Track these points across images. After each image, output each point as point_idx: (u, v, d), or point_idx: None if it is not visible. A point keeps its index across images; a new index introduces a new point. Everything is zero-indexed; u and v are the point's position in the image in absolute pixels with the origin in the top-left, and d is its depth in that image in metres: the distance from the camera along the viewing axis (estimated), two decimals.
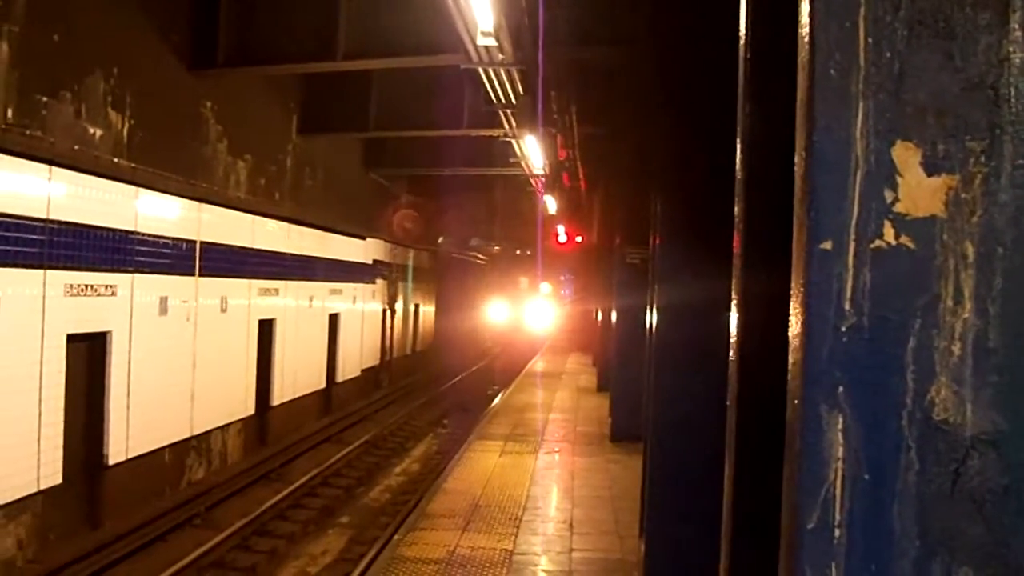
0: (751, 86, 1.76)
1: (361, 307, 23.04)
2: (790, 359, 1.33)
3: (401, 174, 24.78)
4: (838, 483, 1.25)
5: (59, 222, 9.91)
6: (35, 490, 9.61)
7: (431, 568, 7.29)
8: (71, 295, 10.15)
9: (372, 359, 24.40)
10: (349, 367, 21.96)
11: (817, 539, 1.25)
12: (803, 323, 1.27)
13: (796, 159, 1.32)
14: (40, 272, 9.58)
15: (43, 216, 9.64)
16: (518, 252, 33.59)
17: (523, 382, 21.42)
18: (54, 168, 9.82)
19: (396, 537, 8.17)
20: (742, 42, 1.79)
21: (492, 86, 11.22)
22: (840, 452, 1.25)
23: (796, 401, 1.29)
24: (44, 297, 9.65)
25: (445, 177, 24.37)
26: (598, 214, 18.50)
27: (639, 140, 8.47)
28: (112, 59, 10.96)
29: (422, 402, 22.95)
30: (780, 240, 1.70)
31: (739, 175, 1.81)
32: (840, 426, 1.24)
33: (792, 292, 1.32)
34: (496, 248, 34.21)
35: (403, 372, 26.94)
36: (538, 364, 26.58)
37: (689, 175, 6.24)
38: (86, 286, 10.45)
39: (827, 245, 1.24)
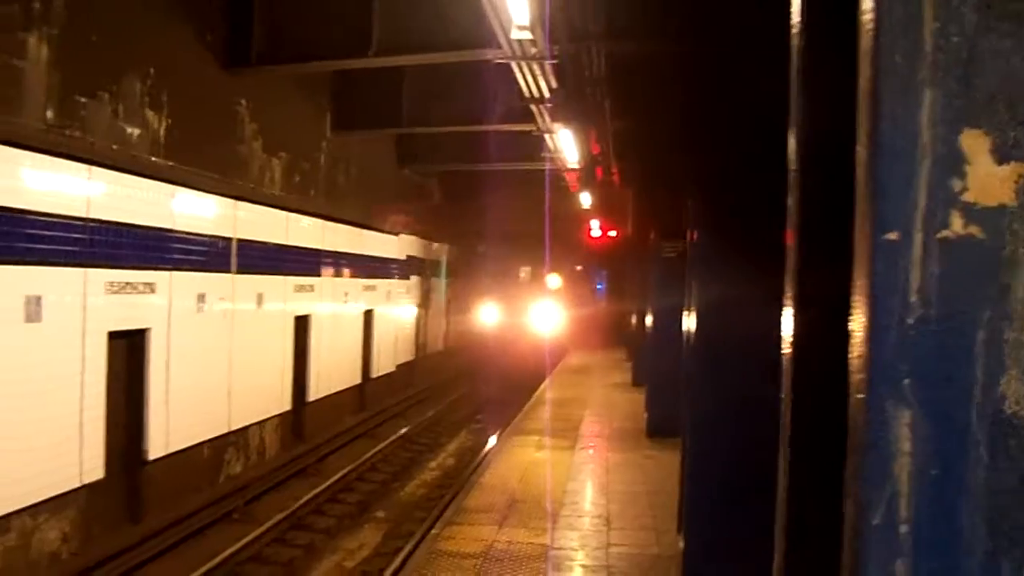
0: (805, 75, 1.72)
1: (395, 303, 23.14)
2: (853, 352, 1.30)
3: (434, 170, 24.84)
4: (904, 478, 1.22)
5: (99, 221, 10.03)
6: (78, 484, 9.75)
7: (469, 562, 7.31)
8: (111, 293, 10.28)
9: (407, 355, 24.50)
10: (383, 363, 22.08)
11: (883, 535, 1.23)
12: (867, 315, 1.25)
13: (859, 149, 1.30)
14: (81, 271, 9.71)
15: (83, 215, 9.77)
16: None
17: (557, 378, 21.39)
18: (93, 168, 9.95)
19: (434, 531, 8.19)
20: (795, 30, 1.75)
21: (525, 80, 11.20)
22: (907, 447, 1.22)
23: (860, 395, 1.26)
24: (85, 295, 9.79)
25: (478, 172, 24.38)
26: (632, 208, 18.41)
27: (674, 133, 8.42)
28: (148, 59, 11.08)
29: (456, 397, 23.01)
30: (838, 232, 1.67)
31: (792, 166, 1.78)
32: (907, 420, 1.22)
33: (855, 284, 1.30)
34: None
35: (437, 367, 27.02)
36: (572, 359, 26.53)
37: (727, 168, 6.20)
38: (126, 284, 10.58)
39: (893, 236, 1.21)
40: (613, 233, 28.11)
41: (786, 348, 1.82)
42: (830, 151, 1.65)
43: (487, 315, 33.63)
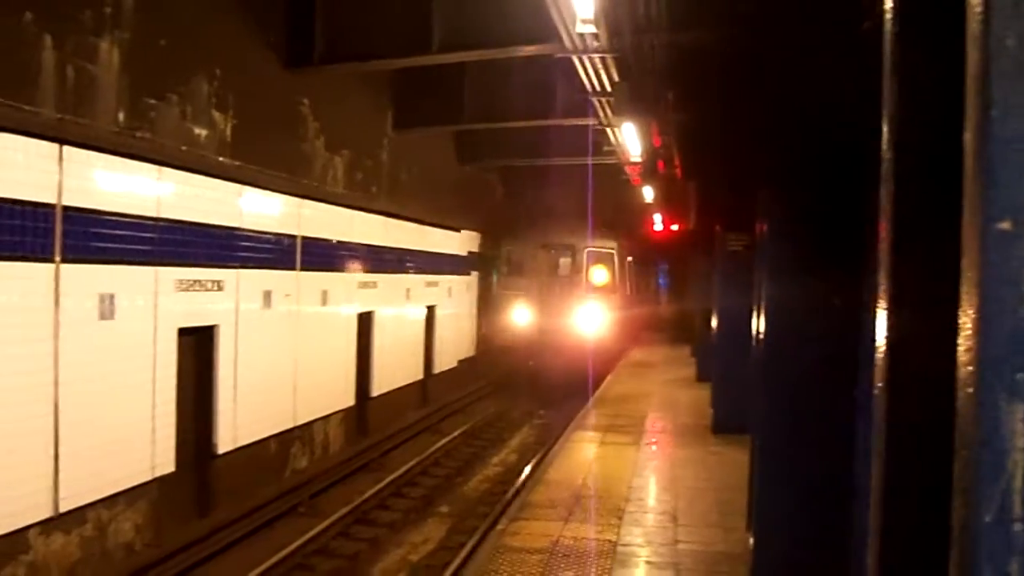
0: (898, 62, 1.67)
1: (456, 299, 23.23)
2: (961, 346, 1.26)
3: (495, 165, 24.86)
4: (1019, 475, 1.18)
5: (168, 220, 10.25)
6: (150, 477, 9.98)
7: (536, 558, 7.30)
8: (181, 290, 10.50)
9: (467, 350, 24.57)
10: (445, 359, 22.19)
11: (996, 533, 1.19)
12: (977, 308, 1.21)
13: (966, 136, 1.25)
14: (152, 269, 9.93)
15: (154, 215, 9.98)
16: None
17: (620, 374, 21.28)
18: (163, 168, 10.16)
19: (499, 527, 8.20)
20: (888, 15, 1.70)
21: (587, 74, 11.16)
22: (1021, 442, 1.18)
23: (969, 390, 1.22)
24: (156, 293, 10.00)
25: (539, 167, 24.34)
26: (695, 201, 18.22)
27: (741, 124, 8.29)
28: (215, 61, 11.28)
29: (517, 393, 22.99)
30: (935, 224, 1.62)
31: (886, 155, 1.72)
32: (1021, 416, 1.17)
33: (963, 275, 1.25)
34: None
35: (497, 363, 27.03)
36: (635, 355, 26.37)
37: (799, 160, 6.09)
38: (194, 281, 10.79)
39: (1006, 225, 1.17)
40: (676, 227, 27.88)
41: (880, 343, 1.76)
42: (926, 140, 1.60)
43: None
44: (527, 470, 12.97)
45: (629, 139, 13.47)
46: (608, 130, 15.02)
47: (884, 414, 1.74)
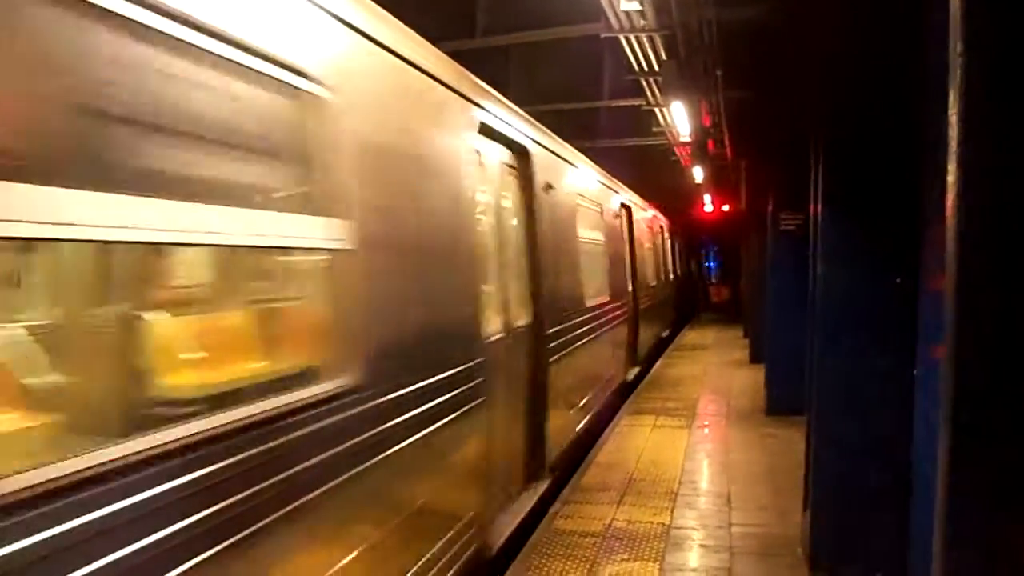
0: (969, 27, 1.58)
1: None
2: None
3: None
4: None
5: None
6: None
7: (589, 540, 7.28)
8: None
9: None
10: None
11: None
12: None
13: None
14: None
15: None
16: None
17: (672, 356, 21.15)
18: None
19: (552, 509, 8.19)
20: None
21: (634, 54, 11.05)
22: None
23: None
24: None
25: (587, 149, 24.17)
26: (746, 180, 18.00)
27: (794, 100, 8.14)
28: None
29: None
30: (1007, 207, 1.54)
31: (954, 130, 1.64)
32: None
33: None
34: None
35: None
36: (687, 336, 26.20)
37: (854, 135, 5.95)
38: None
39: None
40: (726, 208, 27.59)
41: (949, 317, 1.69)
42: (1001, 110, 1.52)
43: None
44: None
45: (679, 119, 13.31)
46: (656, 111, 14.88)
47: (950, 400, 1.66)
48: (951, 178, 1.66)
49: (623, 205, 15.33)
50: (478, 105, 6.73)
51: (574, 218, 10.47)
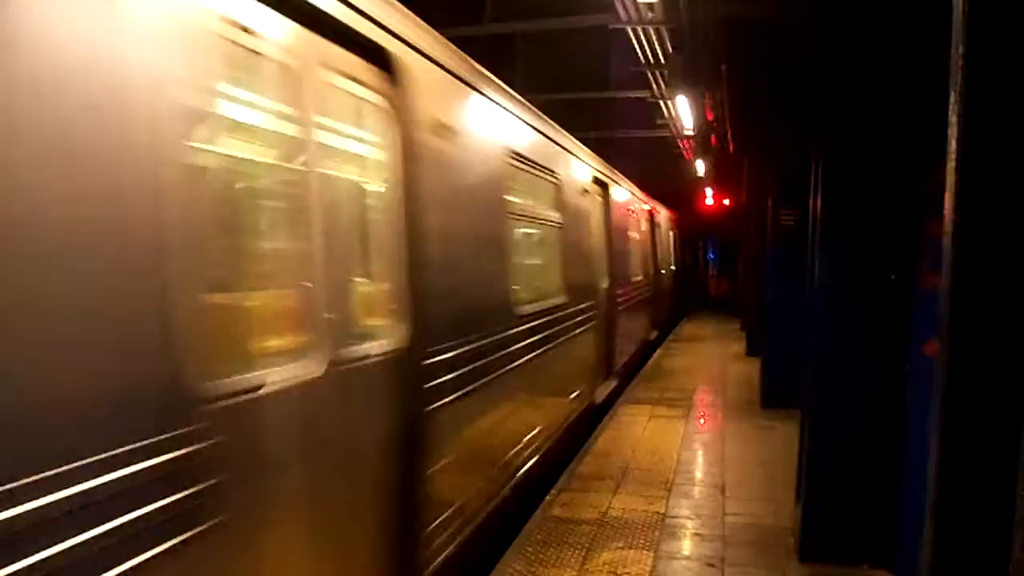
0: (970, 27, 1.65)
1: None
2: None
3: None
4: None
5: None
6: None
7: (584, 528, 7.38)
8: None
9: None
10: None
11: None
12: None
13: None
14: None
15: None
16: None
17: (669, 348, 21.24)
18: None
19: (547, 497, 8.29)
20: None
21: (641, 46, 11.10)
22: None
23: None
24: None
25: (592, 140, 24.22)
26: (747, 175, 18.05)
27: (796, 97, 8.20)
28: None
29: None
30: (1008, 194, 1.62)
31: (953, 128, 1.71)
32: None
33: None
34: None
35: None
36: (684, 329, 26.29)
37: (854, 134, 6.03)
38: None
39: None
40: (727, 202, 27.62)
41: (944, 309, 1.76)
42: (1001, 107, 1.59)
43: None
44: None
45: (683, 112, 13.37)
46: (661, 103, 14.93)
47: (943, 392, 1.74)
48: (950, 178, 1.73)
49: (597, 180, 12.43)
50: None
51: (500, 185, 7.27)
